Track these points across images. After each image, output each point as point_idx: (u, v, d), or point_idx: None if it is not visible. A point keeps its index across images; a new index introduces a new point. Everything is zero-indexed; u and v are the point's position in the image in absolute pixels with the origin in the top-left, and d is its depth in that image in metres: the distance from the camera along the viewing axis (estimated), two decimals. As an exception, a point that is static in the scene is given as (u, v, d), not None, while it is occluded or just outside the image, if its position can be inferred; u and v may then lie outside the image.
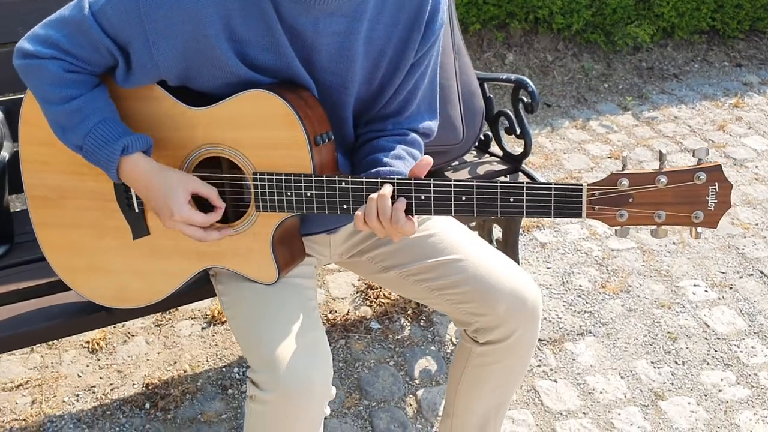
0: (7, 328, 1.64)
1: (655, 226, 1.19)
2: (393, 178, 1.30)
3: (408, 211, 1.32)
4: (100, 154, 1.34)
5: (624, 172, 1.18)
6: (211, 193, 1.39)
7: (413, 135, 1.54)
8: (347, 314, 2.52)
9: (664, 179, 1.15)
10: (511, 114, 2.29)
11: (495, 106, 2.36)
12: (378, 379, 2.26)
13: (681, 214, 1.16)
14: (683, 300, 2.62)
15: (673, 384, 2.25)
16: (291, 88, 1.38)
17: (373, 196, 1.29)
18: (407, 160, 1.47)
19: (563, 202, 1.22)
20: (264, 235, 1.42)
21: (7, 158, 1.86)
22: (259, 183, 1.37)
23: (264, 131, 1.35)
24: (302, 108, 1.35)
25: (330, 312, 2.53)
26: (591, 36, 4.49)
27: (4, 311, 1.67)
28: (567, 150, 3.69)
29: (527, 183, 1.23)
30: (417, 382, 2.25)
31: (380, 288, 2.60)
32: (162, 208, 1.37)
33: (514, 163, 2.30)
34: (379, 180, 1.31)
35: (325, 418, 1.43)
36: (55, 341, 2.35)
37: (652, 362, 2.33)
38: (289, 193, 1.36)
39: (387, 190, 1.29)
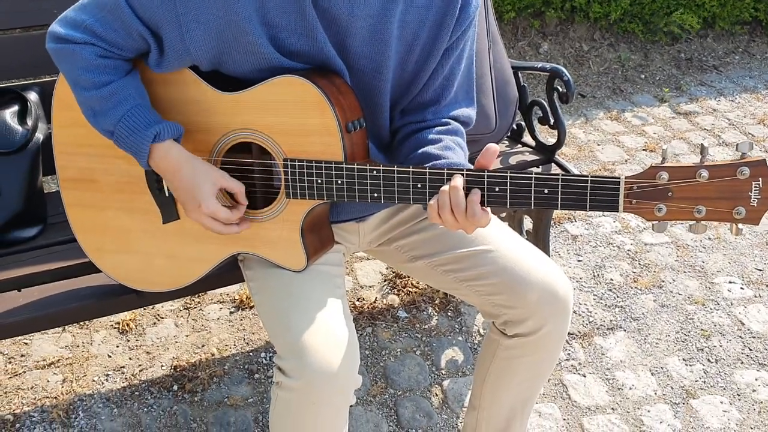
0: (40, 307, 1.66)
1: (694, 222, 1.16)
2: (462, 169, 1.27)
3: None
4: (131, 141, 1.34)
5: (663, 165, 1.14)
6: (238, 189, 1.39)
7: (455, 124, 1.51)
8: (375, 302, 2.51)
9: (705, 173, 1.12)
10: (545, 104, 2.25)
11: (528, 96, 2.33)
12: (404, 368, 2.25)
13: (722, 210, 1.13)
14: (718, 297, 2.56)
15: (705, 382, 2.21)
16: (323, 74, 1.37)
17: (445, 188, 1.26)
18: (456, 150, 1.44)
19: (599, 195, 1.19)
20: (293, 222, 1.41)
21: (41, 139, 1.88)
22: (289, 170, 1.36)
23: (295, 117, 1.34)
24: (334, 94, 1.33)
25: (357, 300, 2.52)
26: (629, 26, 4.40)
27: (37, 291, 1.70)
28: (601, 141, 3.63)
29: (563, 175, 1.21)
30: (443, 372, 2.24)
31: (408, 277, 2.58)
32: (189, 198, 1.37)
33: (547, 153, 2.27)
34: (411, 169, 1.30)
35: (351, 406, 1.43)
36: (86, 321, 2.38)
37: (684, 359, 2.29)
38: (319, 181, 1.35)
39: (459, 181, 1.26)
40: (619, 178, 1.17)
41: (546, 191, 1.22)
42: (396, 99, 1.49)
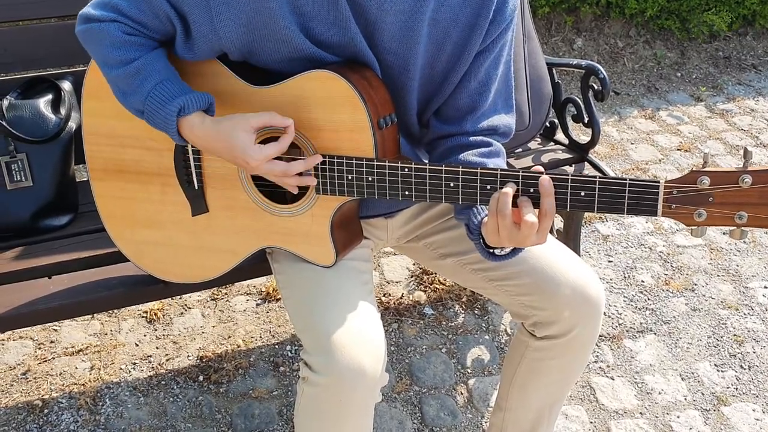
0: (69, 295, 1.67)
1: (734, 227, 1.12)
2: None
3: (472, 201, 1.28)
4: (159, 117, 1.32)
5: (705, 169, 1.11)
6: (270, 118, 1.31)
7: (497, 145, 1.47)
8: (401, 298, 2.50)
9: (748, 179, 1.08)
10: (580, 101, 2.21)
11: (562, 93, 2.29)
12: (429, 365, 2.24)
13: (765, 216, 1.09)
14: (752, 302, 2.51)
15: (737, 389, 2.16)
16: (354, 68, 1.35)
17: (505, 189, 1.24)
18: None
19: (638, 198, 1.16)
20: (323, 217, 1.40)
21: (74, 128, 1.89)
22: (319, 165, 1.35)
23: (327, 113, 1.33)
24: (366, 89, 1.32)
25: (384, 295, 2.51)
26: (665, 23, 4.31)
27: (67, 279, 1.71)
28: (634, 140, 3.57)
29: (600, 177, 1.18)
30: (469, 371, 2.22)
31: (435, 273, 2.57)
32: (235, 159, 1.32)
33: (580, 152, 2.23)
34: (443, 167, 1.28)
35: (375, 403, 1.41)
36: (115, 310, 2.40)
37: (715, 365, 2.24)
38: (350, 177, 1.34)
39: (508, 189, 1.24)
40: (659, 181, 1.14)
41: (582, 193, 1.19)
42: (426, 100, 1.47)
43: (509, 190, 1.24)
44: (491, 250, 1.37)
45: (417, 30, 1.35)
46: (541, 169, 1.23)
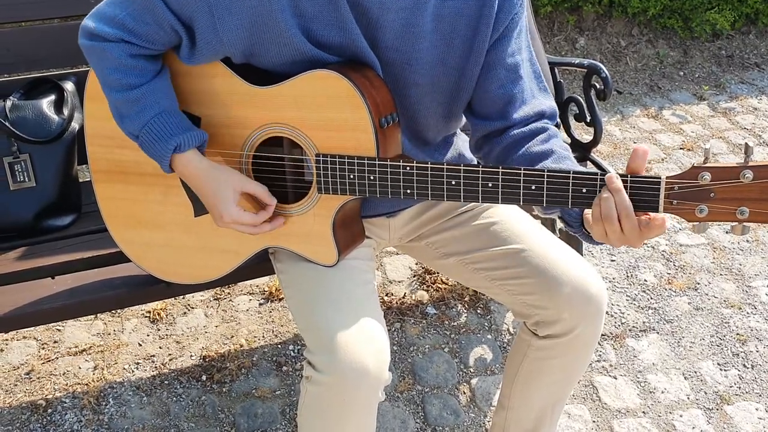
0: (73, 295, 1.68)
1: (736, 223, 1.12)
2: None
3: (474, 199, 1.28)
4: (153, 149, 1.35)
5: (706, 165, 1.11)
6: (260, 191, 1.39)
7: (552, 128, 1.46)
8: (403, 298, 2.50)
9: (749, 174, 1.08)
10: (582, 100, 2.21)
11: (564, 92, 2.29)
12: (432, 365, 2.24)
13: (766, 212, 1.09)
14: (755, 301, 2.50)
15: (740, 388, 2.16)
16: (356, 67, 1.35)
17: (605, 195, 1.17)
18: (570, 157, 1.39)
19: (639, 195, 1.16)
20: (325, 217, 1.40)
21: (77, 129, 1.89)
22: (321, 165, 1.35)
23: (328, 112, 1.33)
24: (367, 88, 1.32)
25: (386, 295, 2.51)
26: (668, 21, 4.31)
27: (70, 279, 1.72)
28: (637, 139, 3.57)
29: (601, 173, 1.18)
30: (471, 370, 2.22)
31: (438, 273, 2.57)
32: (211, 208, 1.39)
33: (582, 151, 2.23)
34: (444, 165, 1.28)
35: (379, 402, 1.42)
36: (118, 310, 2.41)
37: (718, 364, 2.24)
38: (351, 176, 1.34)
39: (620, 183, 1.15)
40: (660, 178, 1.14)
41: (584, 190, 1.19)
42: (447, 96, 1.46)
43: (609, 195, 1.18)
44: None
45: (419, 25, 1.35)
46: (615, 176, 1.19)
